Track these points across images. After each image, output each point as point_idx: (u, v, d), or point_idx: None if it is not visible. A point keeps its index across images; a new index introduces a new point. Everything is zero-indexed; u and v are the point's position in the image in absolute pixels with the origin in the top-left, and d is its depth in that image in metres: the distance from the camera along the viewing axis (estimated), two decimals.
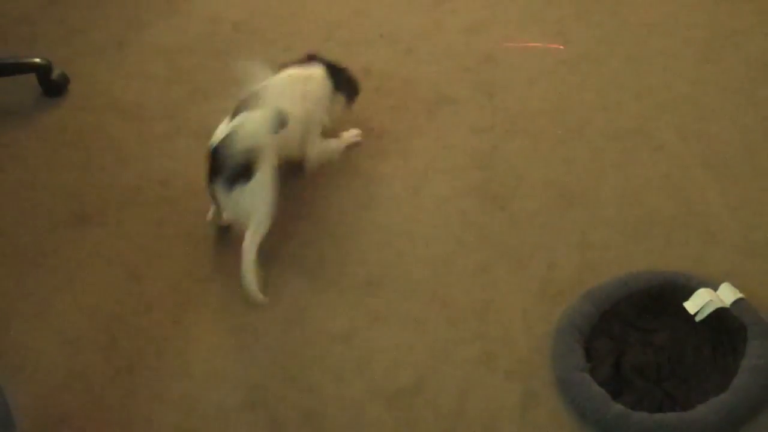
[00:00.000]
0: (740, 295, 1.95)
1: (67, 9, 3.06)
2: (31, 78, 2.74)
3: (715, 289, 1.97)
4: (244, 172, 2.13)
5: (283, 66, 2.38)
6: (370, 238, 2.25)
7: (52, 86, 2.73)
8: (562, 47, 2.41)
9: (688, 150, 2.37)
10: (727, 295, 1.95)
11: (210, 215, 2.30)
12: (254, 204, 2.16)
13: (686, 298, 1.96)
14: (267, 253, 2.21)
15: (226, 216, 2.25)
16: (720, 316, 1.93)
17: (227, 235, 2.26)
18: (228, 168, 2.13)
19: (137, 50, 2.87)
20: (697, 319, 1.93)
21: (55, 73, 2.74)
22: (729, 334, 1.91)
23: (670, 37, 2.70)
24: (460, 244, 2.21)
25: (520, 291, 2.09)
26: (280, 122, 2.21)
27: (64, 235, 2.33)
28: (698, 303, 1.95)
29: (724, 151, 2.36)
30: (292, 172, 2.41)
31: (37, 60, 2.72)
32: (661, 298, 2.00)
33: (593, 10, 2.82)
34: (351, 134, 2.48)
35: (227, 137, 2.14)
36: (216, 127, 2.19)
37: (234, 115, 2.20)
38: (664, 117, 2.46)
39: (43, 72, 2.72)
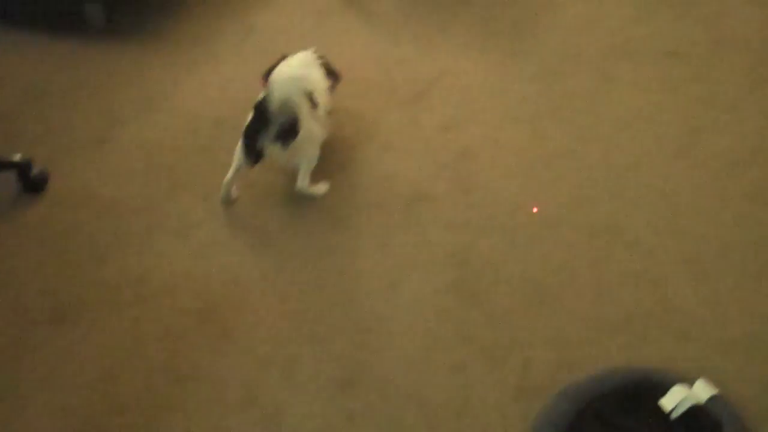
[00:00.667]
0: (716, 392, 1.95)
1: (48, 106, 3.09)
2: (11, 174, 2.75)
3: (691, 385, 1.97)
4: (291, 129, 2.50)
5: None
6: (346, 335, 2.25)
7: (32, 183, 2.75)
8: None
9: (662, 246, 2.39)
10: (702, 391, 1.95)
11: (229, 176, 2.61)
12: (305, 151, 2.58)
13: (662, 395, 1.96)
14: (242, 352, 2.21)
15: (280, 163, 2.62)
16: (695, 413, 1.92)
17: (210, 324, 2.26)
18: (277, 129, 2.49)
19: (118, 147, 2.90)
20: (673, 416, 1.93)
21: (35, 171, 2.75)
22: (705, 431, 1.91)
23: (643, 133, 2.75)
24: (437, 341, 2.21)
25: (496, 389, 2.09)
26: (303, 84, 2.56)
27: (41, 334, 2.32)
28: (674, 400, 1.94)
29: (698, 246, 2.38)
30: (272, 257, 2.42)
31: (17, 158, 2.74)
32: (637, 395, 1.99)
33: (567, 107, 2.87)
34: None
35: (266, 100, 2.47)
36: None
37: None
38: (638, 213, 2.49)
39: (22, 169, 2.74)
